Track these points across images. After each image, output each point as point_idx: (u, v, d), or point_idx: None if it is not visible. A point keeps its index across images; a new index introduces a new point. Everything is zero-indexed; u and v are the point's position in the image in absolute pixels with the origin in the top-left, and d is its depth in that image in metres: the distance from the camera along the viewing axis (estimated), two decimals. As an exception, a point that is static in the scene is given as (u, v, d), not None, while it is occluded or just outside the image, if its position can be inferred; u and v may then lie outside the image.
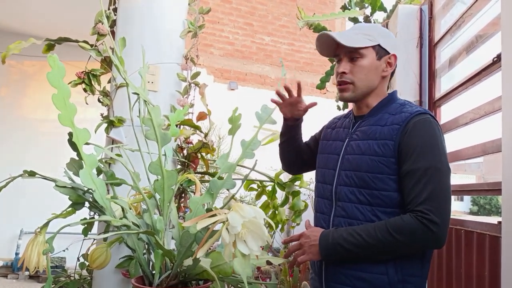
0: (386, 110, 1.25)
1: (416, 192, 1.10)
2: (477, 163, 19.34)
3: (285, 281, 3.35)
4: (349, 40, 1.22)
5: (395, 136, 1.16)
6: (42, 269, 1.21)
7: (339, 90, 1.28)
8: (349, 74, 1.25)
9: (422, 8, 2.58)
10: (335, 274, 1.20)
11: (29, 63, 5.39)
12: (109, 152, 1.47)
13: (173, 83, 1.99)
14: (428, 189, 1.08)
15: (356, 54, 1.24)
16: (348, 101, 1.32)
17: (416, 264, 1.16)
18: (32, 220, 3.55)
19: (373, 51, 1.24)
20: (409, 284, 1.15)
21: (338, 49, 1.28)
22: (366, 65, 1.24)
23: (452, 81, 2.24)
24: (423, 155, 1.12)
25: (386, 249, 1.10)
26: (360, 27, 1.29)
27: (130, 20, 1.95)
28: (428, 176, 1.10)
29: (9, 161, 4.96)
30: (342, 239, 1.13)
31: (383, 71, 1.27)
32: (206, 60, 6.02)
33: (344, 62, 1.26)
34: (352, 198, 1.20)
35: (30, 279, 4.68)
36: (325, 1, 6.91)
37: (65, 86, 1.10)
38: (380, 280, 1.14)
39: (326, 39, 1.27)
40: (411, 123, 1.16)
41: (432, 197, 1.08)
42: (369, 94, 1.27)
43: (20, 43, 1.82)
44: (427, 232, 1.06)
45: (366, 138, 1.22)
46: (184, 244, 1.18)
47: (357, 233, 1.12)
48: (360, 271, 1.16)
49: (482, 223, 1.77)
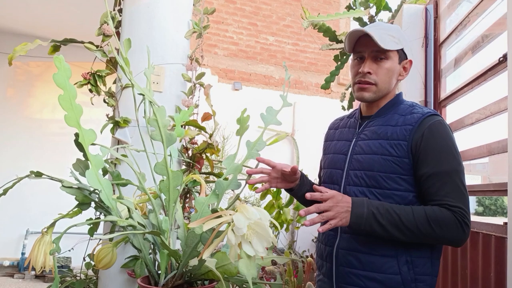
0: (394, 111, 1.25)
1: (446, 191, 1.12)
2: (482, 163, 19.18)
3: (289, 282, 3.34)
4: (383, 41, 1.20)
5: (408, 137, 1.17)
6: (48, 269, 1.22)
7: (359, 89, 1.26)
8: (374, 74, 1.24)
9: (427, 8, 2.57)
10: (347, 275, 1.20)
11: (34, 64, 5.42)
12: (114, 153, 1.48)
13: (178, 84, 1.99)
14: (457, 191, 1.12)
15: (382, 55, 1.23)
16: (365, 101, 1.29)
17: (426, 262, 1.16)
18: (38, 220, 3.58)
19: (397, 54, 1.25)
20: (421, 283, 1.15)
21: (361, 46, 1.25)
22: (389, 67, 1.24)
23: (457, 81, 2.23)
24: (445, 158, 1.14)
25: (419, 235, 1.10)
26: (386, 28, 1.26)
27: (135, 21, 1.96)
28: (453, 178, 1.13)
29: (15, 161, 5.00)
30: (378, 213, 1.11)
31: (400, 75, 1.28)
32: (211, 60, 6.03)
33: (369, 62, 1.24)
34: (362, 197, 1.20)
35: (36, 279, 4.72)
36: (330, 1, 6.90)
37: (71, 87, 1.10)
38: (394, 280, 1.14)
39: (356, 36, 1.25)
40: (426, 126, 1.17)
41: (463, 200, 1.12)
42: (385, 97, 1.28)
43: (26, 45, 1.83)
44: (461, 232, 1.09)
45: (377, 138, 1.22)
46: (190, 244, 1.18)
47: (394, 212, 1.11)
48: (373, 271, 1.16)
49: (488, 224, 1.76)
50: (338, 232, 1.24)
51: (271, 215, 2.25)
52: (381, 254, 1.16)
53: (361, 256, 1.18)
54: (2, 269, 4.80)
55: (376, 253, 1.16)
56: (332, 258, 1.24)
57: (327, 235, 1.28)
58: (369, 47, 1.23)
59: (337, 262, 1.22)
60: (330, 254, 1.25)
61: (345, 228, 1.21)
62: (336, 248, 1.23)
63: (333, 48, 3.16)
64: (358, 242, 1.19)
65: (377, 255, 1.16)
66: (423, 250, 1.16)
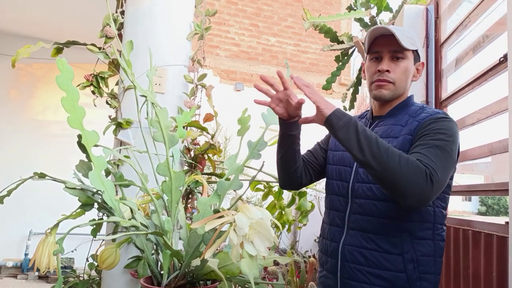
0: (406, 111, 1.27)
1: (424, 152, 1.08)
2: (485, 163, 19.11)
3: (292, 282, 3.35)
4: (402, 40, 1.21)
5: (413, 131, 1.18)
6: (52, 269, 1.23)
7: (378, 86, 1.26)
8: (392, 73, 1.25)
9: (428, 8, 2.57)
10: (352, 271, 1.20)
11: (37, 66, 5.45)
12: (117, 154, 1.49)
13: (180, 85, 2.00)
14: (436, 156, 1.07)
15: (400, 54, 1.25)
16: (383, 100, 1.28)
17: (429, 260, 1.17)
18: (41, 221, 3.59)
19: (412, 55, 1.27)
20: (425, 282, 1.15)
21: (379, 46, 1.27)
22: (406, 66, 1.26)
23: (458, 81, 2.24)
24: (437, 137, 1.11)
25: (385, 163, 1.03)
26: (401, 29, 1.28)
27: (137, 23, 1.97)
28: (438, 148, 1.09)
29: (18, 162, 5.02)
30: (360, 125, 1.08)
31: (414, 76, 1.30)
32: (212, 61, 6.05)
33: (387, 61, 1.25)
34: (370, 194, 1.20)
35: (39, 280, 4.73)
36: (331, 2, 6.90)
37: (74, 89, 1.11)
38: (399, 278, 1.14)
39: (375, 35, 1.26)
40: (432, 119, 1.17)
41: (440, 168, 1.05)
42: (398, 97, 1.29)
43: (29, 47, 1.84)
44: (426, 181, 1.02)
45: (386, 136, 1.22)
46: (192, 245, 1.19)
47: (373, 134, 1.08)
48: (378, 268, 1.16)
49: (490, 224, 1.76)
50: (344, 228, 1.25)
51: (273, 215, 2.26)
52: (387, 251, 1.16)
53: (367, 252, 1.18)
54: (5, 270, 4.82)
55: (381, 250, 1.17)
56: (337, 254, 1.24)
57: (333, 231, 1.29)
58: (387, 46, 1.25)
59: (343, 258, 1.22)
60: (335, 250, 1.25)
61: (351, 224, 1.23)
62: (342, 244, 1.24)
63: (334, 49, 3.16)
64: (364, 238, 1.19)
65: (383, 252, 1.17)
66: (427, 248, 1.17)
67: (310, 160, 1.42)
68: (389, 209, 1.17)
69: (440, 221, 1.20)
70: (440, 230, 1.19)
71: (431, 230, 1.18)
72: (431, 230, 1.18)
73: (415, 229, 1.17)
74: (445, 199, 1.21)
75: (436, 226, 1.19)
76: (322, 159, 1.42)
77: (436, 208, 1.19)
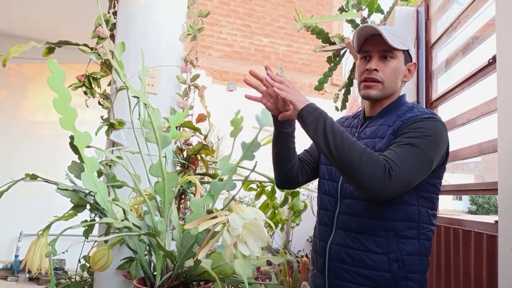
0: (395, 112, 1.27)
1: (393, 149, 1.10)
2: (475, 162, 19.38)
3: (284, 282, 3.36)
4: (391, 40, 1.22)
5: (396, 131, 1.18)
6: (44, 271, 1.22)
7: (366, 86, 1.27)
8: (380, 72, 1.25)
9: (418, 10, 2.60)
10: (338, 270, 1.21)
11: (28, 66, 5.39)
12: (109, 155, 1.48)
13: (173, 86, 2.00)
14: (404, 152, 1.08)
15: (389, 54, 1.25)
16: (371, 100, 1.29)
17: (415, 260, 1.17)
18: (31, 222, 3.56)
19: (403, 55, 1.27)
20: (411, 281, 1.16)
21: (369, 45, 1.27)
22: (396, 66, 1.26)
23: (448, 82, 2.26)
24: (412, 135, 1.12)
25: (344, 155, 1.06)
26: (393, 29, 1.28)
27: (130, 24, 1.96)
28: (410, 146, 1.09)
29: (9, 163, 4.96)
30: (328, 118, 1.12)
31: (405, 76, 1.30)
32: (205, 61, 6.04)
33: (376, 60, 1.26)
34: (356, 194, 1.21)
35: (30, 282, 4.69)
36: (323, 2, 6.93)
37: (66, 90, 1.11)
38: (384, 278, 1.15)
39: (364, 33, 1.27)
40: (416, 119, 1.17)
41: (406, 160, 1.07)
42: (389, 97, 1.29)
43: (20, 47, 1.83)
44: (383, 176, 1.03)
45: (374, 137, 1.23)
46: (185, 245, 1.20)
47: (341, 128, 1.10)
48: (363, 268, 1.17)
49: (480, 222, 1.79)
50: (333, 228, 1.26)
51: (266, 215, 2.27)
52: (372, 251, 1.17)
53: (353, 252, 1.19)
54: (-5, 272, 4.77)
55: (367, 250, 1.18)
56: (325, 253, 1.26)
57: (323, 231, 1.30)
58: (376, 46, 1.26)
59: (330, 258, 1.24)
60: (324, 249, 1.27)
61: (340, 224, 1.23)
62: (330, 243, 1.25)
63: (326, 50, 3.18)
64: (351, 238, 1.20)
65: (368, 251, 1.17)
66: (412, 248, 1.17)
67: (306, 159, 1.42)
68: (374, 208, 1.18)
69: (426, 221, 1.20)
70: (426, 229, 1.20)
71: (416, 229, 1.18)
72: (416, 230, 1.18)
73: (400, 228, 1.17)
74: (431, 199, 1.21)
75: (422, 225, 1.19)
76: (318, 158, 1.43)
77: (422, 208, 1.19)
